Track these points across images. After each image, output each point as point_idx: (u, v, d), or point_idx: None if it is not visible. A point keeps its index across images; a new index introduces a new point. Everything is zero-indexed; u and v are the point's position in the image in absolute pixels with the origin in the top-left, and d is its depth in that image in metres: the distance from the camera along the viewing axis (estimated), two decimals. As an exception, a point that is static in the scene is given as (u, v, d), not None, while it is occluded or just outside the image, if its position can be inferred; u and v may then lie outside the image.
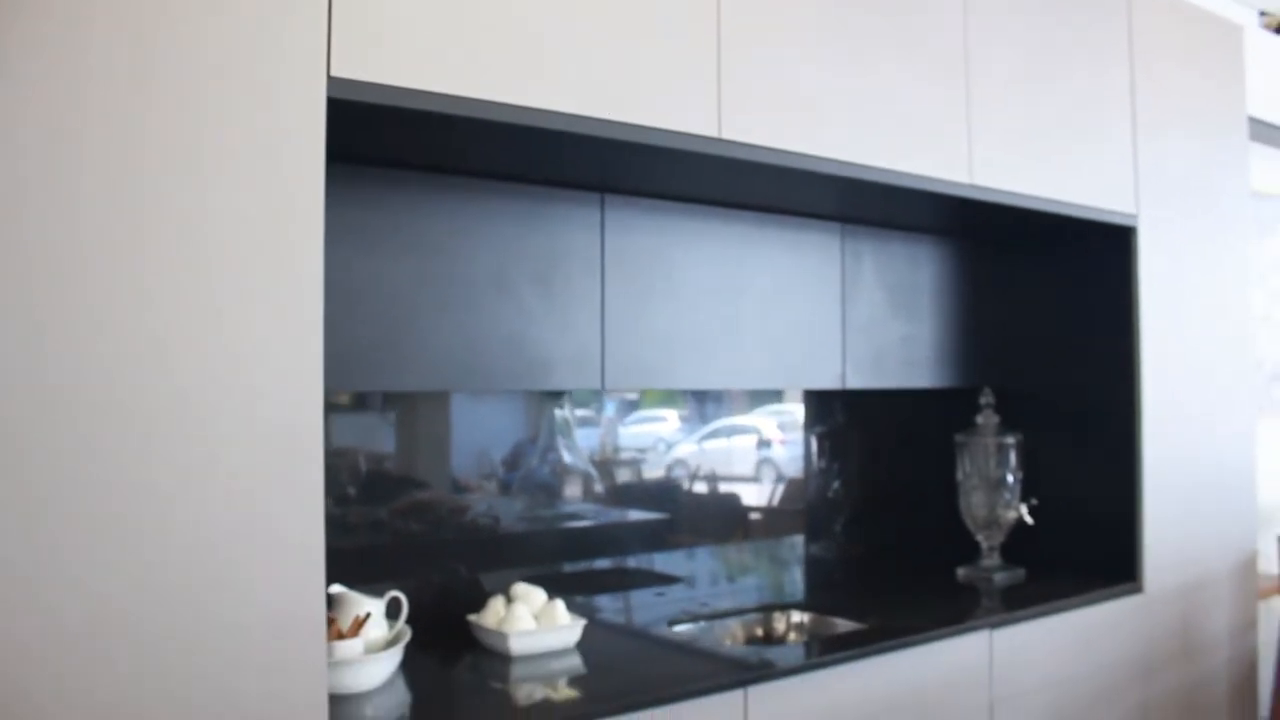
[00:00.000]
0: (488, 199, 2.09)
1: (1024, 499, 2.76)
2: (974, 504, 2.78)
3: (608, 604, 2.44)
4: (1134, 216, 2.74)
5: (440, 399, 2.25)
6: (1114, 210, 2.69)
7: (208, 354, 1.39)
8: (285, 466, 1.45)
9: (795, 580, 2.80)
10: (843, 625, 2.38)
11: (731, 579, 2.70)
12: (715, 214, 2.37)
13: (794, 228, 2.52)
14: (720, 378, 2.34)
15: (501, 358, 2.05)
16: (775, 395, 2.84)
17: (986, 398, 2.80)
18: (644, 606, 2.47)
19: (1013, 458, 2.78)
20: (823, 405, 2.90)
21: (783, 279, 2.47)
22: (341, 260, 1.84)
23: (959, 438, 2.83)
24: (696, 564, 2.66)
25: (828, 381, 2.51)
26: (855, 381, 2.56)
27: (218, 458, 1.40)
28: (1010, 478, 2.77)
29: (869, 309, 2.64)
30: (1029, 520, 2.73)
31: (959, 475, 2.82)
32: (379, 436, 2.21)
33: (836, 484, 2.92)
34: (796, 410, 2.85)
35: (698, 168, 2.05)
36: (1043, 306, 2.95)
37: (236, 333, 1.42)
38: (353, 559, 2.08)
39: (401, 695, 1.81)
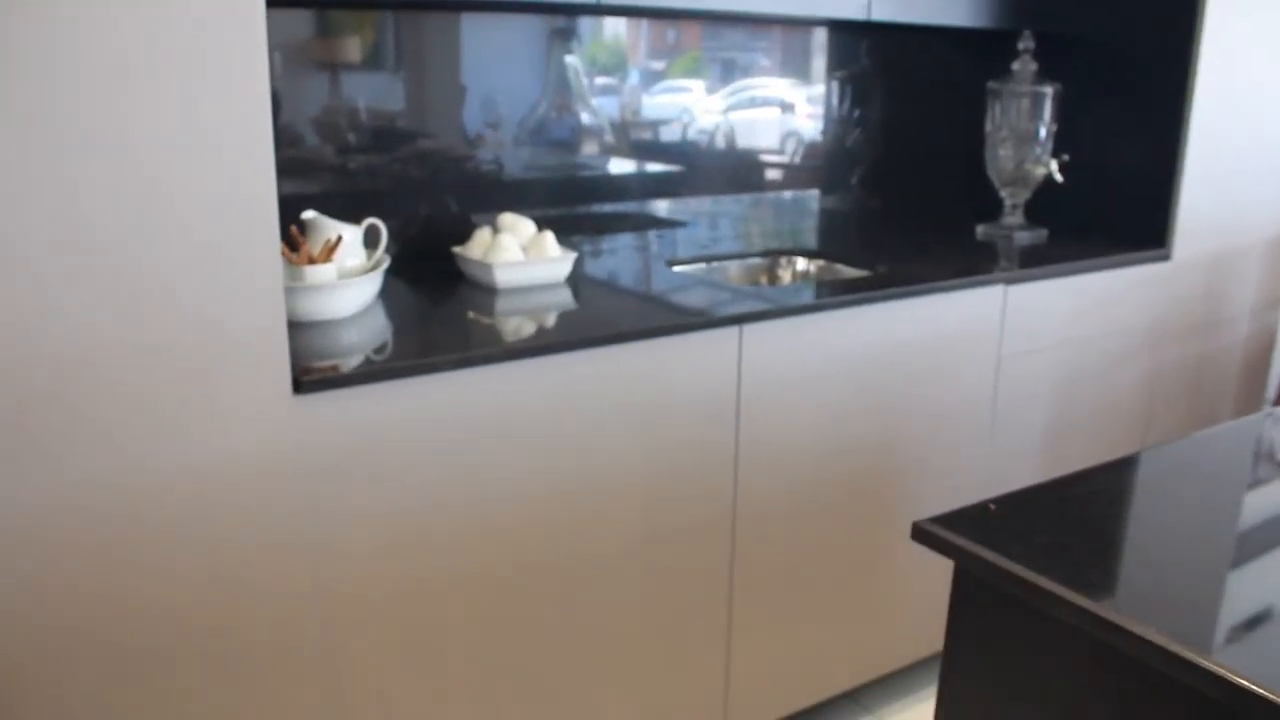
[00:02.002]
0: None
1: (1055, 155, 2.56)
2: (1001, 158, 2.59)
3: (606, 244, 2.33)
4: None
5: (451, 49, 2.05)
6: None
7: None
8: (225, 59, 1.28)
9: (806, 231, 2.66)
10: (849, 273, 2.26)
11: (740, 227, 2.57)
12: None
13: None
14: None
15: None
16: (803, 69, 2.60)
17: (1025, 42, 2.54)
18: (643, 249, 2.35)
19: (1048, 109, 2.56)
20: (847, 46, 2.66)
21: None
22: None
23: (991, 85, 2.59)
24: (703, 212, 2.52)
25: (850, 10, 2.25)
26: (881, 12, 2.29)
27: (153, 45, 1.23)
28: (1043, 131, 2.56)
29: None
30: (1059, 178, 2.55)
31: (988, 127, 2.61)
32: (390, 94, 2.03)
33: (857, 133, 2.73)
34: (821, 86, 2.62)
35: None
36: (1101, -61, 2.63)
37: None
38: (346, 200, 1.95)
39: (380, 323, 1.72)
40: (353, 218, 1.83)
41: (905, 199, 2.82)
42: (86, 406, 1.27)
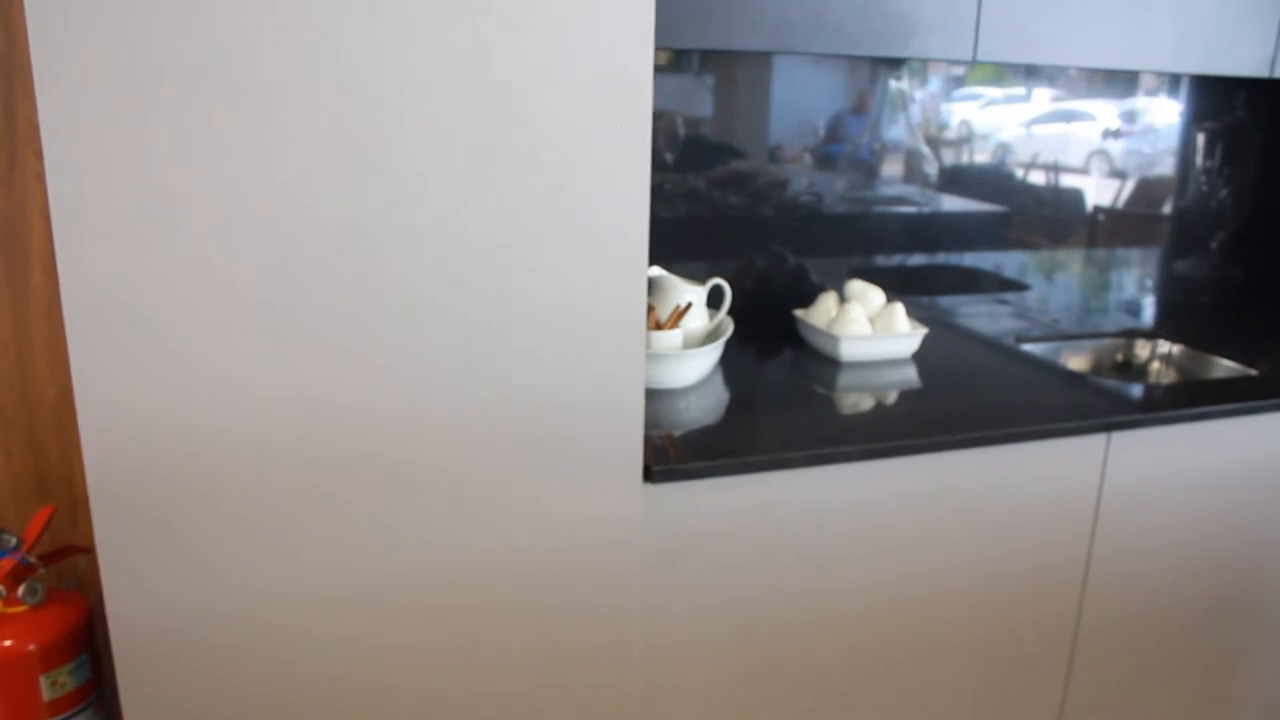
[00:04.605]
0: None
1: None
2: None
3: (945, 307, 2.17)
4: None
5: (762, 60, 1.95)
6: None
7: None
8: (610, 133, 1.22)
9: (1159, 302, 2.41)
10: (1224, 366, 2.02)
11: (1081, 291, 2.35)
12: None
13: None
14: (1118, 54, 1.88)
15: (856, 14, 1.69)
16: (1127, 77, 2.33)
17: None
18: (985, 315, 2.18)
19: None
20: (1219, 95, 2.38)
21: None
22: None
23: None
24: (1040, 269, 2.33)
25: (1250, 66, 2.00)
26: (1288, 68, 2.03)
27: (543, 113, 1.18)
28: None
29: (1324, -27, 2.05)
30: None
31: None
32: (696, 100, 1.95)
33: (1223, 193, 2.45)
34: (1149, 100, 2.35)
35: None
36: None
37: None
38: (670, 231, 1.89)
39: (718, 394, 1.65)
40: (674, 251, 1.75)
41: (1277, 272, 2.51)
42: (417, 477, 1.25)
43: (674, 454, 1.38)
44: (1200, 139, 2.42)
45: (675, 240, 1.93)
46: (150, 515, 1.15)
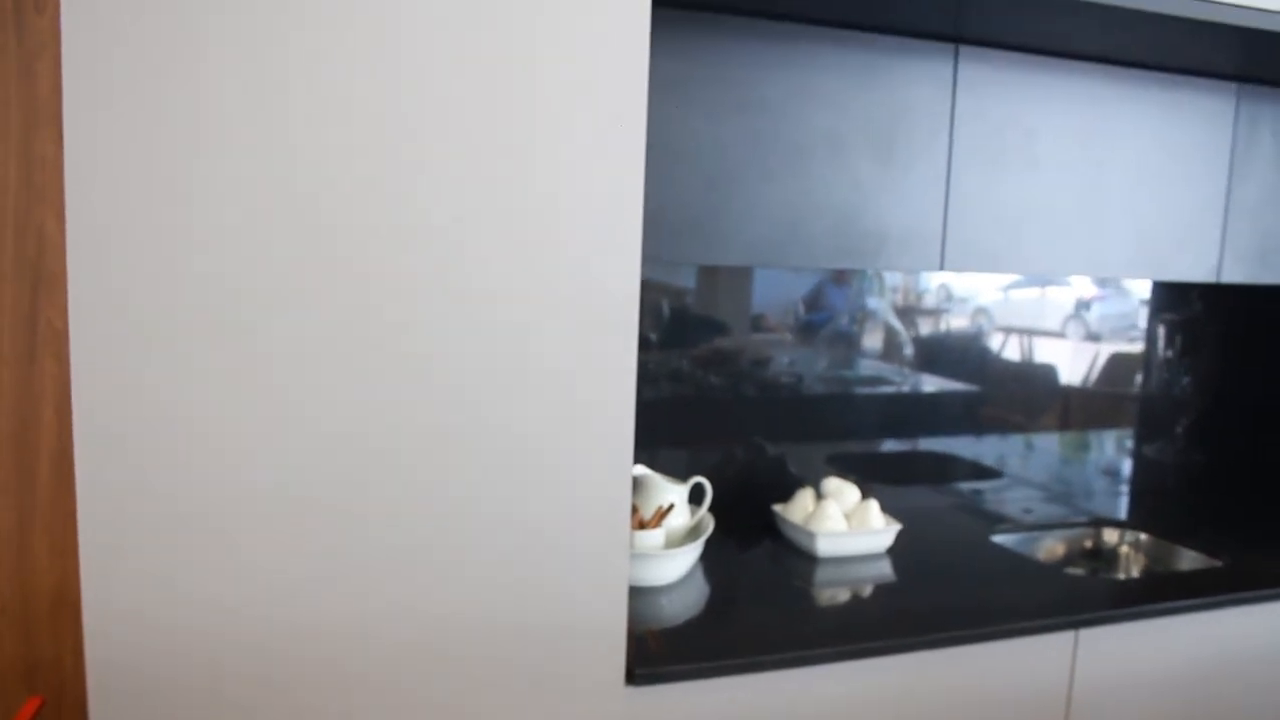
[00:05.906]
0: (821, 49, 1.81)
1: None
2: (1357, 425, 2.37)
3: (919, 498, 2.25)
4: None
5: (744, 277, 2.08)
6: None
7: (525, 214, 1.26)
8: (600, 352, 1.32)
9: (1124, 486, 2.50)
10: (1191, 558, 2.08)
11: (1054, 473, 2.43)
12: (1081, 70, 2.00)
13: (1177, 87, 2.10)
14: (1074, 264, 2.02)
15: (830, 232, 1.82)
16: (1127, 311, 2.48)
17: (1391, 301, 2.34)
18: (959, 505, 2.26)
19: None
20: (1176, 291, 2.52)
21: (1157, 149, 2.08)
22: (658, 118, 1.66)
23: (1348, 345, 2.39)
24: (1013, 452, 2.40)
25: (1198, 274, 2.14)
26: (1233, 275, 2.17)
27: (531, 331, 1.29)
28: None
29: (1261, 189, 2.20)
30: None
31: (1341, 389, 2.40)
32: (678, 270, 2.05)
33: (1185, 380, 2.56)
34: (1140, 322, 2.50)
35: (1078, 13, 1.70)
36: None
37: (553, 194, 1.28)
38: (653, 414, 1.96)
39: (699, 590, 1.70)
40: (657, 437, 1.83)
41: (1236, 459, 2.60)
42: (406, 685, 1.30)
43: (655, 650, 1.44)
44: (1161, 330, 2.55)
45: (658, 425, 2.00)
46: (148, 712, 1.20)
